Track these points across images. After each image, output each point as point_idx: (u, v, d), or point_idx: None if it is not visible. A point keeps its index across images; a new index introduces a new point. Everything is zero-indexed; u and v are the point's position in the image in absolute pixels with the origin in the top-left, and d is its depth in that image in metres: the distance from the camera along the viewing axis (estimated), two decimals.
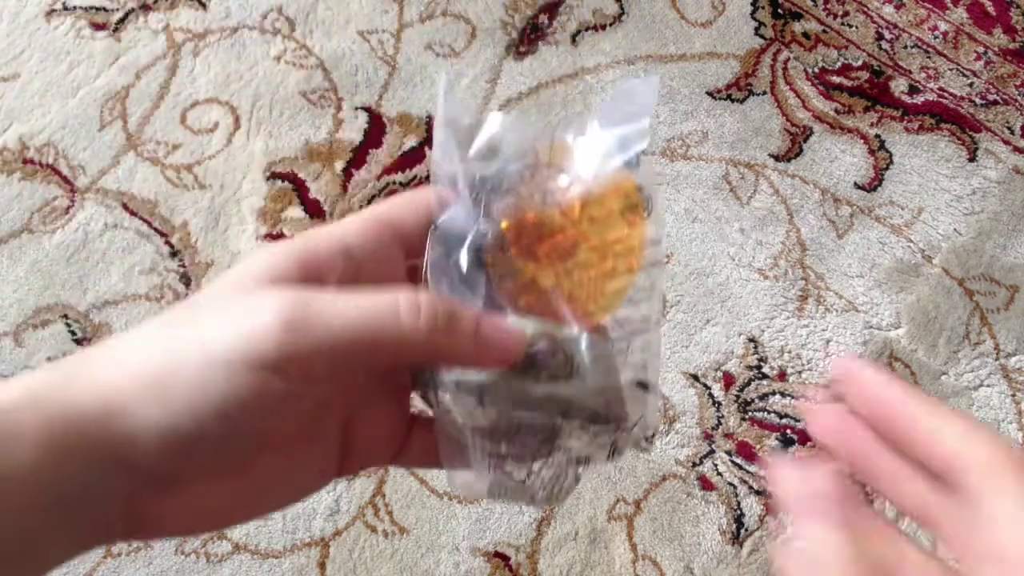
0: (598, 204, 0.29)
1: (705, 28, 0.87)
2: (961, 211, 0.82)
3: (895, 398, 0.26)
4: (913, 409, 0.26)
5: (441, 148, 0.30)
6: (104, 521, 0.24)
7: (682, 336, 0.76)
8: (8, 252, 0.75)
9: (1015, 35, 0.89)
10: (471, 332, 0.25)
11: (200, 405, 0.23)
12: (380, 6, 0.86)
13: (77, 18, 0.84)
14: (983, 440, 0.24)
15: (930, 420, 0.25)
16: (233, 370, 0.23)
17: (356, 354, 0.24)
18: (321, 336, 0.23)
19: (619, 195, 0.29)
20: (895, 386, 0.26)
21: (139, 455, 0.23)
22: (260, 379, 0.23)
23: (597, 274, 0.28)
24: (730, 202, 0.81)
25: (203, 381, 0.23)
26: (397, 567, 0.68)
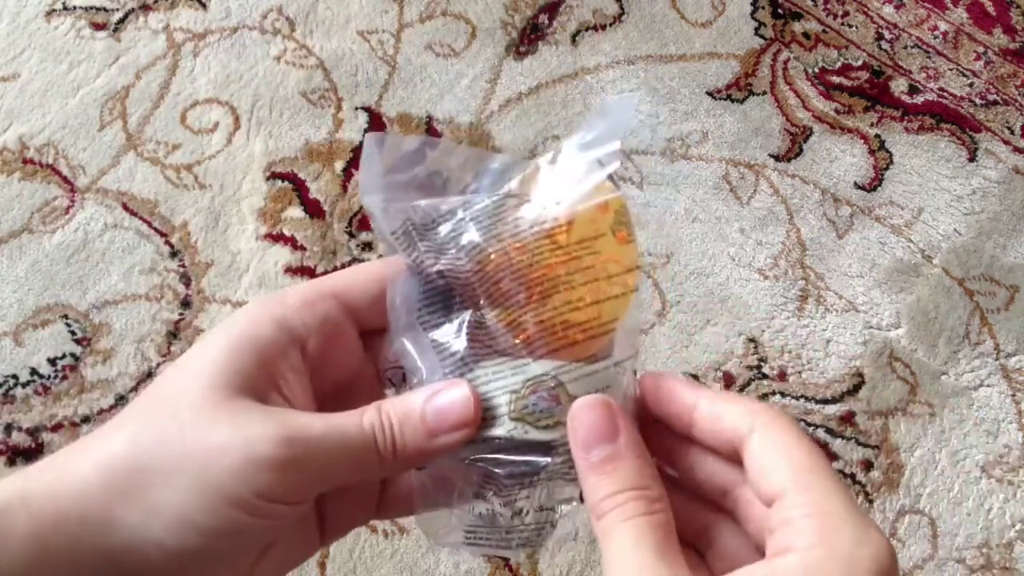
0: (573, 231, 0.28)
1: (705, 28, 0.87)
2: (961, 211, 0.82)
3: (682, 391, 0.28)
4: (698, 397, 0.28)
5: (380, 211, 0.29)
6: None
7: (682, 336, 0.76)
8: (8, 252, 0.75)
9: (1015, 35, 0.89)
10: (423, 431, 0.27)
11: (202, 527, 0.24)
12: (380, 6, 0.86)
13: (77, 18, 0.84)
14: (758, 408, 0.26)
15: (713, 405, 0.27)
16: (232, 501, 0.24)
17: (338, 478, 0.27)
18: (311, 467, 0.25)
19: (607, 213, 0.28)
20: (682, 381, 0.28)
21: (137, 565, 0.24)
22: (261, 508, 0.25)
23: (588, 301, 0.28)
24: (730, 202, 0.81)
25: (208, 510, 0.24)
26: (397, 567, 0.68)
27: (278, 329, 0.27)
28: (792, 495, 0.24)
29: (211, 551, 0.25)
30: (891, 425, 0.74)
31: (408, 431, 0.27)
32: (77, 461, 0.25)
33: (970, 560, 0.71)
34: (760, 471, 0.25)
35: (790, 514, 0.24)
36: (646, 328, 0.76)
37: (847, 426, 0.74)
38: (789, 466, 0.25)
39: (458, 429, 0.27)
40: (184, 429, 0.25)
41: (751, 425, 0.26)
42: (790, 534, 0.24)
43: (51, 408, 0.69)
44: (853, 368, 0.76)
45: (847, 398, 0.75)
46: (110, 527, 0.24)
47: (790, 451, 0.25)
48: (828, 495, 0.24)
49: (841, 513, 0.24)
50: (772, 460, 0.25)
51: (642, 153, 0.82)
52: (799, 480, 0.25)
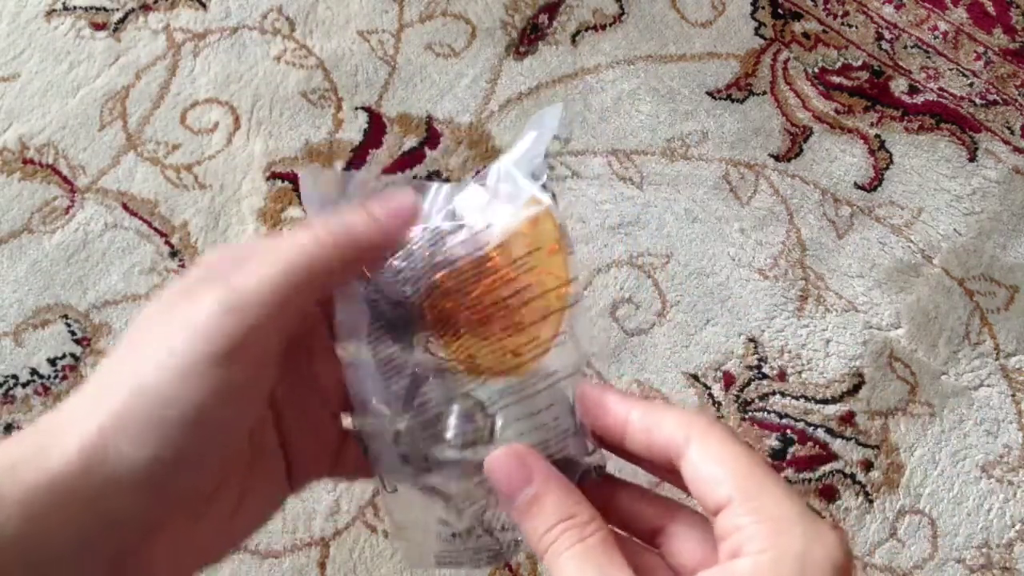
0: (517, 243, 0.28)
1: (705, 28, 0.87)
2: (961, 211, 0.82)
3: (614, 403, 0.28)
4: (630, 409, 0.28)
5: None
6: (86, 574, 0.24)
7: (682, 336, 0.76)
8: (8, 252, 0.75)
9: (1015, 35, 0.89)
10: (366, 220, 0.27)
11: (172, 423, 0.23)
12: (380, 6, 0.86)
13: (77, 18, 0.84)
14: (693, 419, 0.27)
15: (646, 417, 0.28)
16: (191, 376, 0.23)
17: (295, 302, 0.25)
18: (257, 307, 0.24)
19: (537, 227, 0.28)
20: (615, 393, 0.29)
21: (118, 505, 0.23)
22: (219, 375, 0.24)
23: (526, 322, 0.28)
24: (730, 202, 0.81)
25: (168, 399, 0.23)
26: (397, 567, 0.68)
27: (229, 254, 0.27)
28: (738, 503, 0.25)
29: (184, 452, 0.24)
30: (891, 425, 0.74)
31: (358, 229, 0.27)
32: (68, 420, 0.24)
33: (970, 560, 0.71)
34: (702, 481, 0.26)
35: (738, 521, 0.24)
36: (646, 328, 0.76)
37: (847, 426, 0.74)
38: (732, 474, 0.25)
39: (403, 214, 0.28)
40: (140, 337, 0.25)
41: (687, 436, 0.26)
42: (741, 540, 0.24)
43: (51, 408, 0.69)
44: (853, 368, 0.76)
45: (847, 398, 0.75)
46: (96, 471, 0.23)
47: (730, 460, 0.26)
48: (776, 500, 0.24)
49: (790, 515, 0.24)
50: (713, 470, 0.26)
51: (642, 153, 0.82)
52: (743, 488, 0.25)
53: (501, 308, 0.28)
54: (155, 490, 0.24)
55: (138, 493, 0.24)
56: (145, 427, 0.23)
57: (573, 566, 0.25)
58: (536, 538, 0.26)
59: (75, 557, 0.23)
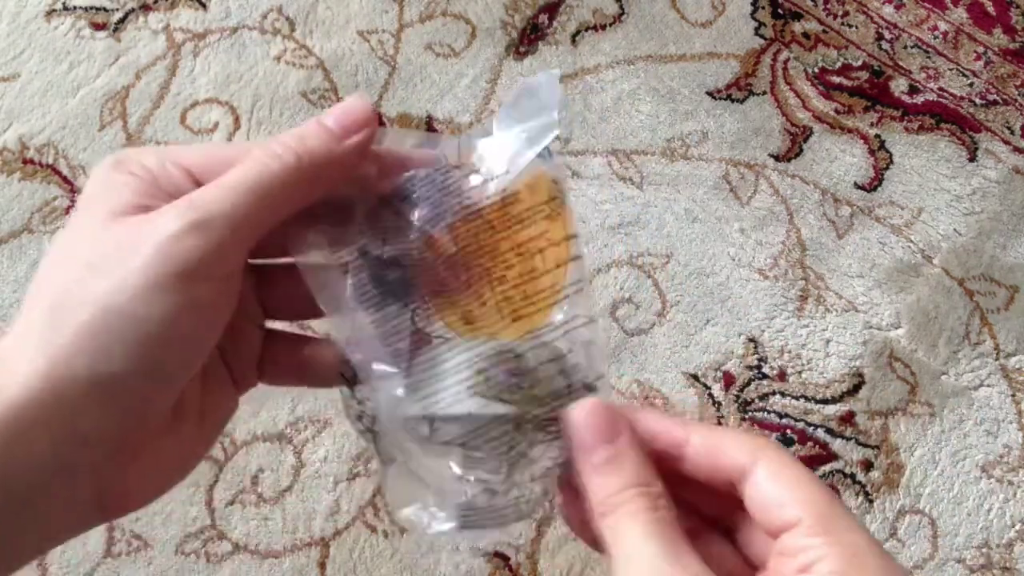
0: (517, 201, 0.28)
1: (705, 28, 0.87)
2: (961, 211, 0.82)
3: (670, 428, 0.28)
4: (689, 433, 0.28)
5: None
6: (73, 499, 0.24)
7: (682, 336, 0.76)
8: (8, 252, 0.75)
9: (1015, 35, 0.89)
10: (326, 134, 0.26)
11: (141, 339, 0.23)
12: (380, 6, 0.86)
13: (77, 18, 0.84)
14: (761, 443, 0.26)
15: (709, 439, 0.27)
16: (160, 294, 0.23)
17: (255, 221, 0.25)
18: (223, 223, 0.24)
19: (537, 190, 0.29)
20: (672, 419, 0.28)
21: (88, 423, 0.23)
22: (188, 292, 0.24)
23: (525, 276, 0.28)
24: (730, 202, 0.81)
25: (136, 316, 0.23)
26: (397, 567, 0.68)
27: (142, 175, 0.26)
28: (808, 525, 0.24)
29: (155, 365, 0.24)
30: (891, 425, 0.74)
31: (311, 140, 0.26)
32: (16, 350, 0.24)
33: (970, 560, 0.71)
34: (768, 501, 0.25)
35: (808, 542, 0.24)
36: (646, 328, 0.76)
37: (847, 426, 0.74)
38: (802, 497, 0.25)
39: (360, 126, 0.27)
40: (90, 259, 0.24)
41: (754, 458, 0.26)
42: (812, 558, 0.24)
43: None
44: (853, 368, 0.76)
45: (847, 398, 0.75)
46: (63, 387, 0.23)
47: (800, 483, 0.25)
48: (848, 528, 0.24)
49: (863, 545, 0.24)
50: (781, 491, 0.25)
51: (642, 153, 0.82)
52: (814, 512, 0.25)
53: (501, 263, 0.28)
54: (123, 406, 0.24)
55: (107, 409, 0.23)
56: (112, 344, 0.23)
57: (639, 532, 0.25)
58: (604, 496, 0.26)
59: (55, 481, 0.23)
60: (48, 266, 0.25)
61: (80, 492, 0.24)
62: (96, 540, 0.68)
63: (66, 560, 0.67)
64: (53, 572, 0.67)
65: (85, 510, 0.25)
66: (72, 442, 0.23)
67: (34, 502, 0.23)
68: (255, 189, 0.25)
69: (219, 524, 0.69)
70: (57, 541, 0.25)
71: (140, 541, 0.68)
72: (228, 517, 0.69)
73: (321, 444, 0.71)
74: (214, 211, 0.24)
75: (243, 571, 0.68)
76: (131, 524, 0.68)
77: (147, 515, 0.68)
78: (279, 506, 0.69)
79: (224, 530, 0.69)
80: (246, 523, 0.69)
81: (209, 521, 0.69)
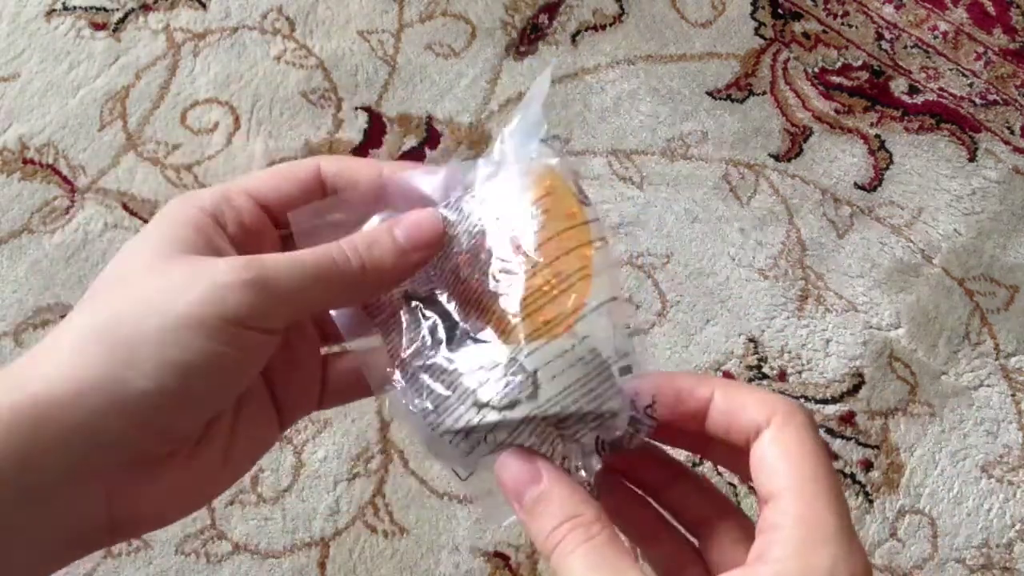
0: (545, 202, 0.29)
1: (705, 28, 0.87)
2: (961, 211, 0.82)
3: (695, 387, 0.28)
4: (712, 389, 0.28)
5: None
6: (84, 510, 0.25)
7: (682, 336, 0.76)
8: (8, 252, 0.75)
9: (1015, 35, 0.89)
10: (392, 247, 0.28)
11: (178, 364, 0.24)
12: (380, 6, 0.86)
13: (77, 18, 0.84)
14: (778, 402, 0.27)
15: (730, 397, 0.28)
16: (204, 329, 0.25)
17: (309, 302, 0.27)
18: (281, 290, 0.26)
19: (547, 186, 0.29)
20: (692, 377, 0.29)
21: (109, 431, 0.24)
22: (231, 335, 0.25)
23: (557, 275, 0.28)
24: (730, 202, 0.81)
25: (177, 343, 0.24)
26: (397, 567, 0.68)
27: (201, 212, 0.28)
28: (787, 499, 0.25)
29: (187, 391, 0.25)
30: (891, 425, 0.74)
31: (377, 249, 0.28)
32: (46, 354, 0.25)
33: (970, 560, 0.71)
34: (763, 468, 0.26)
35: (779, 520, 0.24)
36: (646, 328, 0.76)
37: (847, 426, 0.74)
38: (792, 469, 0.25)
39: (428, 243, 0.29)
40: (143, 285, 0.26)
41: (768, 417, 0.26)
42: (772, 541, 0.24)
43: None
44: (853, 368, 0.76)
45: (847, 398, 0.75)
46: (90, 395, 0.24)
47: (799, 453, 0.25)
48: (823, 507, 0.24)
49: (829, 527, 0.24)
50: (778, 461, 0.26)
51: (642, 153, 0.82)
52: (798, 487, 0.25)
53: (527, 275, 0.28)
54: (146, 422, 0.25)
55: (129, 422, 0.24)
56: (145, 362, 0.24)
57: (581, 564, 0.25)
58: (543, 537, 0.26)
59: (68, 483, 0.24)
60: (101, 287, 0.27)
61: (91, 503, 0.25)
62: None
63: None
64: None
65: (94, 525, 0.25)
66: (89, 448, 0.24)
67: (46, 502, 0.24)
68: (319, 277, 0.27)
69: (219, 524, 0.69)
70: (60, 559, 0.25)
71: (140, 541, 0.68)
72: (228, 517, 0.69)
73: (321, 444, 0.71)
74: (276, 278, 0.26)
75: (243, 571, 0.68)
76: None
77: None
78: (279, 506, 0.69)
79: (224, 530, 0.69)
80: (246, 523, 0.69)
81: (209, 521, 0.69)
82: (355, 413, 0.72)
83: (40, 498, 0.23)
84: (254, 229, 0.29)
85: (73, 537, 0.25)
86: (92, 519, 0.25)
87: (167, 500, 0.27)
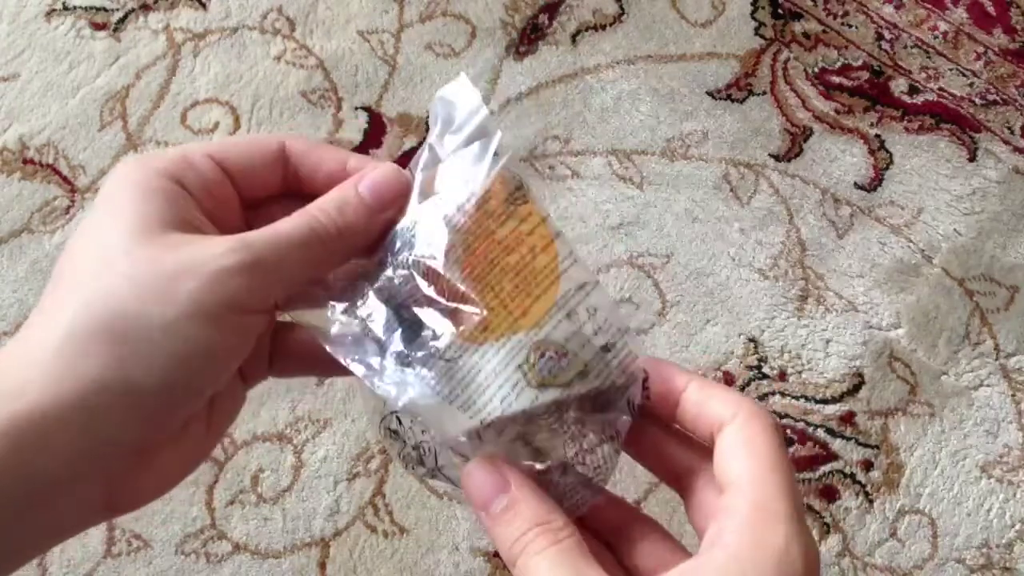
0: (487, 208, 0.29)
1: (705, 28, 0.87)
2: (961, 211, 0.82)
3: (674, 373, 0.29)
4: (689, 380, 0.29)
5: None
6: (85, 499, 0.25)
7: (682, 336, 0.76)
8: (8, 252, 0.75)
9: (1015, 35, 0.89)
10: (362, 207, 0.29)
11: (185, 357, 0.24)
12: (380, 6, 0.86)
13: (77, 18, 0.84)
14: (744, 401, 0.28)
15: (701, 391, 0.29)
16: (209, 320, 0.25)
17: (296, 274, 0.28)
18: (272, 267, 0.26)
19: (499, 190, 0.30)
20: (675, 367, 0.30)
21: (113, 427, 0.24)
22: (235, 321, 0.25)
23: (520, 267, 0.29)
24: (730, 202, 0.81)
25: (184, 336, 0.24)
26: (397, 567, 0.68)
27: (164, 178, 0.27)
28: (743, 485, 0.25)
29: (191, 382, 0.25)
30: (891, 425, 0.74)
31: (349, 211, 0.28)
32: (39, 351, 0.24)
33: (970, 560, 0.71)
34: (724, 457, 0.27)
35: (734, 503, 0.25)
36: (646, 328, 0.76)
37: (847, 426, 0.74)
38: (751, 458, 0.26)
39: (394, 200, 0.29)
40: (134, 271, 0.25)
41: (733, 414, 0.27)
42: (724, 528, 0.25)
43: None
44: (853, 368, 0.76)
45: (847, 398, 0.75)
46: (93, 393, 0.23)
47: (758, 445, 0.26)
48: (778, 493, 0.25)
49: (781, 510, 0.25)
50: (738, 450, 0.26)
51: (642, 153, 0.82)
52: (756, 475, 0.26)
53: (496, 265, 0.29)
54: (148, 415, 0.25)
55: (131, 417, 0.24)
56: (150, 358, 0.24)
57: (546, 567, 0.25)
58: (509, 544, 0.26)
59: (71, 481, 0.24)
60: (75, 268, 0.26)
61: (92, 493, 0.25)
62: (96, 540, 0.68)
63: (66, 560, 0.67)
64: (53, 572, 0.67)
65: (94, 509, 0.26)
66: (92, 446, 0.24)
67: (50, 501, 0.24)
68: (302, 246, 0.27)
69: (219, 524, 0.69)
70: (60, 539, 0.26)
71: (140, 541, 0.68)
72: (228, 517, 0.69)
73: (321, 444, 0.71)
74: (266, 257, 0.26)
75: (243, 571, 0.68)
76: (131, 524, 0.68)
77: (147, 515, 0.68)
78: (279, 506, 0.69)
79: (224, 530, 0.69)
80: (246, 523, 0.69)
81: (209, 521, 0.69)
82: (355, 413, 0.72)
83: (40, 503, 0.23)
84: (218, 195, 0.29)
85: (70, 523, 0.25)
86: (89, 505, 0.25)
87: (160, 478, 0.27)
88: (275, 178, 0.30)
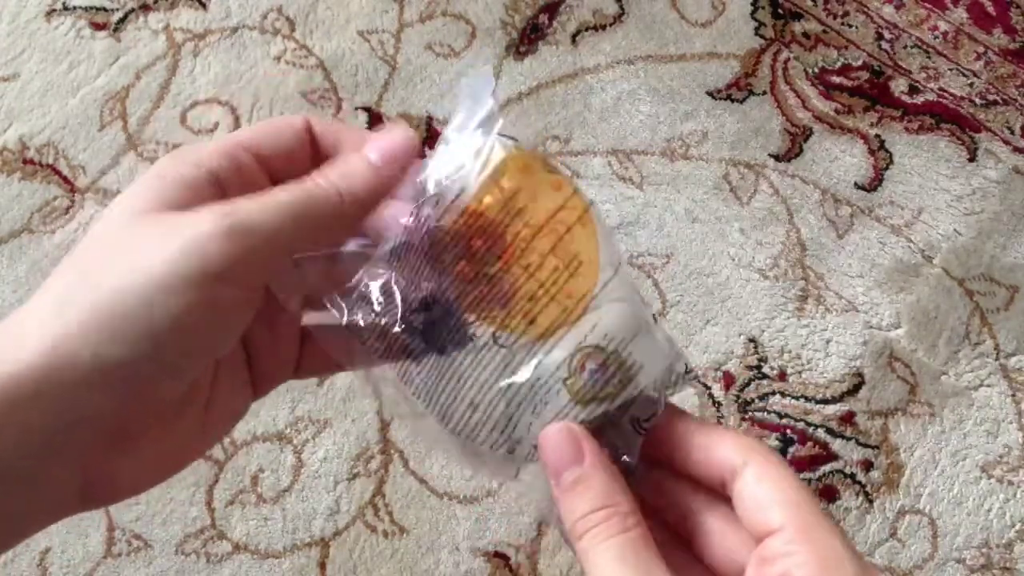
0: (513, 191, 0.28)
1: (705, 28, 0.87)
2: (961, 211, 0.82)
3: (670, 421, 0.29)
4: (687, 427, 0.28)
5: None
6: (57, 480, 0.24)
7: (682, 336, 0.76)
8: (8, 252, 0.75)
9: (1015, 35, 0.89)
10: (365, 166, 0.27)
11: (156, 328, 0.23)
12: (380, 6, 0.86)
13: (77, 18, 0.84)
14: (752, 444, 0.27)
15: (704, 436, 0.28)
16: (183, 287, 0.23)
17: (289, 242, 0.26)
18: (260, 232, 0.24)
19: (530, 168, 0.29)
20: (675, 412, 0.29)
21: (85, 403, 0.23)
22: (211, 292, 0.24)
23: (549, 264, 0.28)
24: (730, 202, 0.81)
25: (154, 304, 0.23)
26: (397, 567, 0.68)
27: (195, 167, 0.27)
28: (791, 531, 0.25)
29: (166, 357, 0.24)
30: (891, 425, 0.74)
31: (354, 176, 0.27)
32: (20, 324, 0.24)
33: (970, 560, 0.71)
34: (755, 504, 0.26)
35: (790, 548, 0.25)
36: None
37: (847, 426, 0.74)
38: (787, 502, 0.25)
39: (403, 159, 0.28)
40: (118, 245, 0.24)
41: (745, 459, 0.27)
42: (790, 565, 0.24)
43: None
44: (853, 368, 0.76)
45: (847, 398, 0.75)
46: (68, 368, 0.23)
47: (787, 488, 0.26)
48: (828, 535, 0.25)
49: (842, 553, 0.24)
50: (768, 494, 0.26)
51: (642, 153, 0.82)
52: (798, 517, 0.25)
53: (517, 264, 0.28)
54: (125, 392, 0.24)
55: (107, 393, 0.23)
56: (123, 328, 0.23)
57: (612, 556, 0.25)
58: (574, 519, 0.26)
59: (43, 458, 0.23)
60: (79, 250, 0.26)
61: (66, 475, 0.24)
62: (96, 540, 0.68)
63: (66, 560, 0.67)
64: (53, 572, 0.67)
65: (69, 496, 0.25)
66: (66, 422, 0.23)
67: (21, 482, 0.23)
68: (297, 213, 0.25)
69: (219, 524, 0.69)
70: (33, 529, 0.25)
71: (140, 541, 0.68)
72: (228, 517, 0.69)
73: (321, 444, 0.71)
74: (253, 221, 0.24)
75: (243, 571, 0.68)
76: (131, 524, 0.68)
77: (147, 515, 0.68)
78: (279, 506, 0.69)
79: (224, 530, 0.69)
80: (246, 523, 0.69)
81: (209, 521, 0.69)
82: (355, 413, 0.72)
83: (9, 478, 0.23)
84: (250, 182, 0.28)
85: (43, 511, 0.25)
86: (64, 493, 0.25)
87: (143, 470, 0.27)
88: (304, 155, 0.29)
